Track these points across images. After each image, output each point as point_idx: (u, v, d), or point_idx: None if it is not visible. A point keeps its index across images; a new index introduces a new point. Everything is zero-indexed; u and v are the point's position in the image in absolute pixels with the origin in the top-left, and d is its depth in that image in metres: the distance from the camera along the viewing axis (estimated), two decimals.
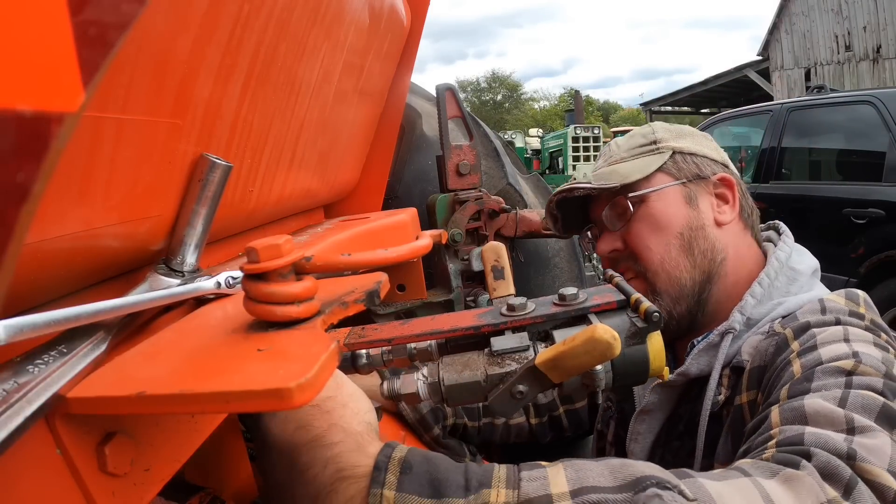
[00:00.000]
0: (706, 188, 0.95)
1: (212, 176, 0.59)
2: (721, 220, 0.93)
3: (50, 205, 0.41)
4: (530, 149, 17.32)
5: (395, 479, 0.48)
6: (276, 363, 0.43)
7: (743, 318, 0.85)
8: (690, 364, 0.86)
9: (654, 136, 0.98)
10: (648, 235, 0.92)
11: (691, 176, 0.95)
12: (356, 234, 1.01)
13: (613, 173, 0.96)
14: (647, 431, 0.92)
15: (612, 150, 1.02)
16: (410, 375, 0.58)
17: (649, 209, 0.93)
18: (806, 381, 0.65)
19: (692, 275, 0.90)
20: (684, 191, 0.94)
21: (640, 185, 0.93)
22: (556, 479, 0.48)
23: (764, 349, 0.78)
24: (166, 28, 0.49)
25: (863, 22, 12.26)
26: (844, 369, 0.65)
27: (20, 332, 0.35)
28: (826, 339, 0.71)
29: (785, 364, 0.71)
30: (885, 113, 3.64)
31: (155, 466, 0.48)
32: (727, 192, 0.95)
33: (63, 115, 0.25)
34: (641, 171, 0.94)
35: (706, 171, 0.96)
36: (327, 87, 0.95)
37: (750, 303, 0.85)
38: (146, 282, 0.57)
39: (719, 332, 0.85)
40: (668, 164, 0.95)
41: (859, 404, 0.59)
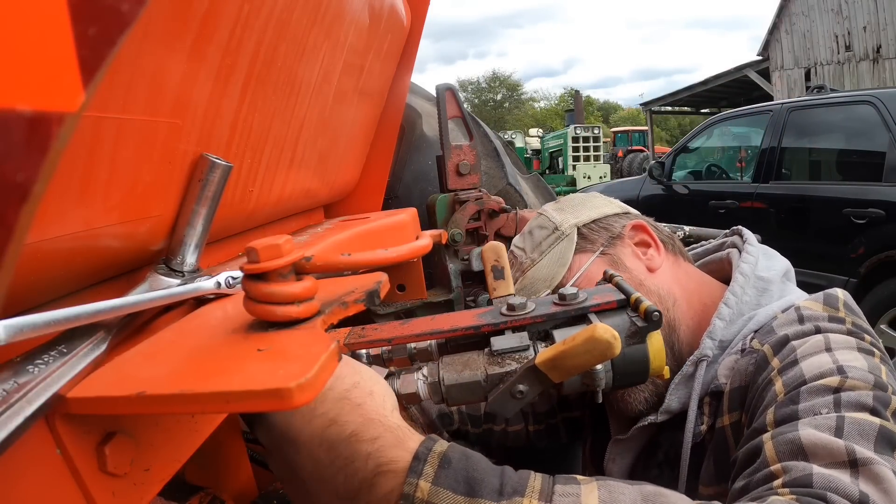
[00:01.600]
0: (624, 244, 0.93)
1: (212, 176, 0.59)
2: (652, 265, 0.91)
3: (50, 205, 0.41)
4: (530, 149, 17.33)
5: (433, 472, 0.48)
6: (276, 363, 0.43)
7: (714, 343, 0.82)
8: (670, 400, 0.83)
9: (552, 224, 0.97)
10: None
11: (605, 241, 0.93)
12: (356, 234, 1.01)
13: (536, 281, 0.93)
14: (626, 453, 0.90)
15: (520, 257, 0.99)
16: (410, 375, 0.58)
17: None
18: (791, 402, 0.63)
19: None
20: (607, 259, 0.92)
21: (565, 279, 0.91)
22: (589, 498, 0.48)
23: (743, 368, 0.75)
24: (166, 28, 0.49)
25: (863, 22, 12.26)
26: (831, 387, 0.62)
27: (20, 332, 0.35)
28: (807, 352, 0.68)
29: (766, 383, 0.69)
30: (885, 113, 3.64)
31: (155, 466, 0.48)
32: (644, 236, 0.94)
33: (63, 115, 0.25)
34: (561, 265, 0.92)
35: (615, 228, 0.94)
36: (327, 87, 0.95)
37: (719, 326, 0.82)
38: (146, 282, 0.57)
39: (692, 362, 0.82)
40: (579, 242, 0.93)
41: (856, 431, 0.57)
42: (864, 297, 3.53)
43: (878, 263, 3.53)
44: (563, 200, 1.01)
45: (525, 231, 1.02)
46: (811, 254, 3.78)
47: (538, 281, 0.92)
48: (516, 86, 49.79)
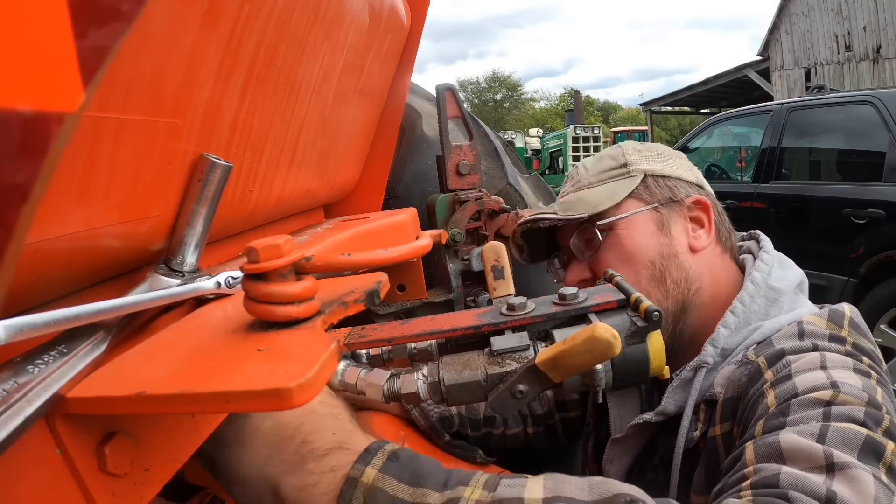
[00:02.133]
0: (680, 212, 0.90)
1: (212, 176, 0.59)
2: (695, 245, 0.88)
3: (50, 205, 0.41)
4: (530, 149, 17.33)
5: (381, 463, 0.53)
6: (276, 363, 0.43)
7: (716, 351, 0.80)
8: (667, 402, 0.82)
9: (624, 159, 0.93)
10: (617, 266, 0.86)
11: (663, 200, 0.90)
12: (356, 234, 1.01)
13: (580, 201, 0.91)
14: (624, 454, 0.90)
15: (580, 174, 0.97)
16: (410, 375, 0.58)
17: (618, 238, 0.88)
18: (781, 414, 0.62)
19: (664, 306, 0.85)
20: (656, 216, 0.89)
21: (608, 212, 0.89)
22: (534, 487, 0.50)
23: (737, 379, 0.74)
24: (166, 28, 0.49)
25: (863, 22, 12.26)
26: (822, 400, 0.61)
27: (20, 332, 0.35)
28: (801, 367, 0.67)
29: (758, 395, 0.68)
30: (885, 113, 3.63)
31: (155, 466, 0.48)
32: (702, 215, 0.90)
33: (63, 115, 0.25)
34: (610, 198, 0.89)
35: (679, 193, 0.91)
36: (327, 87, 0.95)
37: (722, 334, 0.80)
38: (146, 282, 0.57)
39: (692, 367, 0.81)
40: (639, 188, 0.90)
41: (839, 438, 0.56)
42: (864, 297, 3.53)
43: (878, 263, 3.52)
44: (648, 146, 0.97)
45: (599, 154, 0.99)
46: (811, 254, 3.78)
47: (582, 202, 0.91)
48: (516, 86, 49.81)
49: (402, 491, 0.51)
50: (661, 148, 0.98)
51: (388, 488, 0.51)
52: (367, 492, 0.51)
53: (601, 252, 0.89)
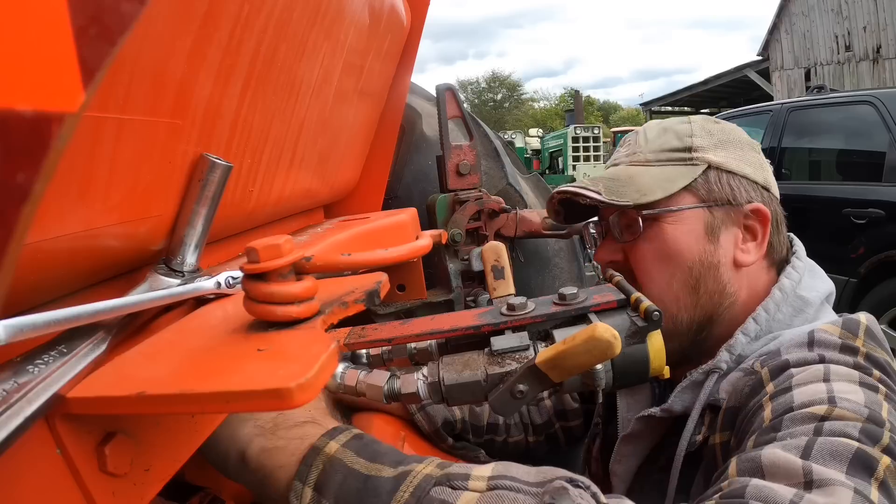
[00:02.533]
0: (734, 218, 0.81)
1: (212, 176, 0.59)
2: (741, 260, 0.81)
3: (50, 205, 0.41)
4: (530, 149, 17.32)
5: (345, 439, 0.58)
6: (276, 363, 0.43)
7: (731, 357, 0.77)
8: (674, 401, 0.80)
9: (690, 142, 0.83)
10: (652, 261, 0.81)
11: (720, 201, 0.80)
12: (356, 234, 1.01)
13: (630, 182, 0.82)
14: (632, 455, 0.88)
15: (639, 145, 0.87)
16: (410, 375, 0.58)
17: (661, 232, 0.80)
18: (773, 430, 0.59)
19: (692, 314, 0.80)
20: (707, 218, 0.80)
21: (658, 200, 0.80)
22: (483, 467, 0.53)
23: (740, 389, 0.71)
24: (166, 28, 0.49)
25: (863, 22, 12.26)
26: (816, 415, 0.57)
27: (20, 332, 0.35)
28: (802, 380, 0.64)
29: (757, 407, 0.65)
30: (885, 113, 3.63)
31: (155, 466, 0.48)
32: (758, 226, 0.82)
33: (63, 116, 0.25)
34: (663, 188, 0.80)
35: (740, 196, 0.81)
36: (327, 88, 0.95)
37: (741, 341, 0.77)
38: (146, 282, 0.57)
39: (704, 371, 0.78)
40: (698, 180, 0.80)
41: (827, 451, 0.52)
42: (864, 297, 3.53)
43: (878, 263, 3.52)
44: (722, 128, 0.85)
45: (664, 124, 0.88)
46: (811, 254, 3.75)
47: (632, 183, 0.81)
48: (516, 86, 49.83)
49: (358, 464, 0.55)
50: (736, 134, 0.86)
51: (347, 460, 0.56)
52: (327, 460, 0.56)
53: (640, 241, 0.82)
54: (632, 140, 0.90)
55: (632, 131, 0.93)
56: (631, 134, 0.91)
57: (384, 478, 0.54)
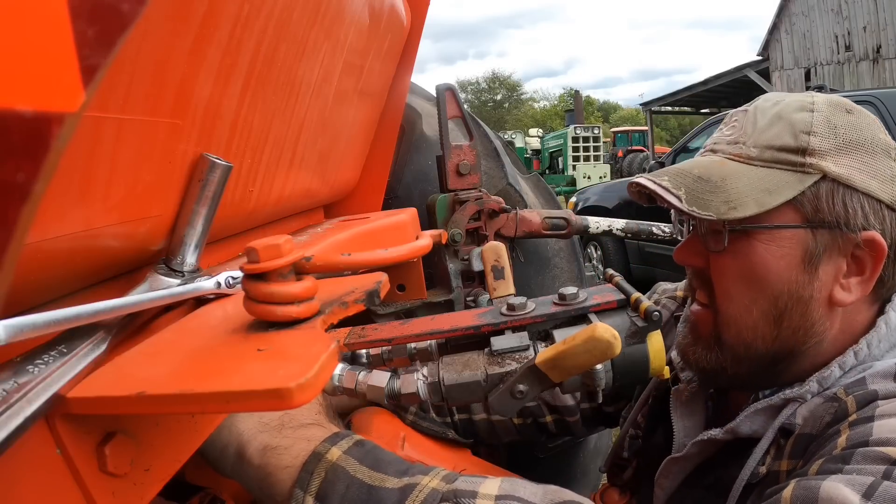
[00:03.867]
0: (841, 246, 0.67)
1: (212, 176, 0.59)
2: (839, 299, 0.67)
3: (50, 205, 0.41)
4: (530, 149, 17.32)
5: (347, 446, 0.56)
6: (276, 363, 0.43)
7: (821, 388, 0.67)
8: (742, 422, 0.70)
9: (807, 141, 0.67)
10: (735, 280, 0.69)
11: (829, 223, 0.66)
12: (356, 234, 1.01)
13: (722, 186, 0.67)
14: (679, 472, 0.80)
15: (745, 130, 0.72)
16: (411, 375, 0.58)
17: (751, 251, 0.68)
18: (842, 461, 0.54)
19: (769, 346, 0.69)
20: (809, 241, 0.67)
21: (752, 219, 0.67)
22: (490, 485, 0.52)
23: (820, 415, 0.64)
24: (166, 28, 0.49)
25: (863, 22, 12.26)
26: (890, 458, 0.52)
27: (20, 332, 0.35)
28: (886, 412, 0.58)
29: (834, 433, 0.59)
30: (885, 113, 3.63)
31: (155, 466, 0.48)
32: (868, 259, 0.67)
33: (63, 116, 0.25)
34: (759, 202, 0.65)
35: (856, 221, 0.66)
36: (327, 87, 0.95)
37: (836, 374, 0.67)
38: (146, 282, 0.57)
39: (784, 398, 0.68)
40: (807, 194, 0.66)
41: (890, 497, 0.48)
42: None
43: None
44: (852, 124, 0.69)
45: (781, 105, 0.71)
46: None
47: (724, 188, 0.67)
48: (516, 86, 49.85)
49: (361, 472, 0.54)
50: (869, 132, 0.69)
51: (349, 468, 0.54)
52: (329, 468, 0.54)
53: (724, 254, 0.69)
54: (739, 120, 0.74)
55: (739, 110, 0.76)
56: (742, 110, 0.75)
57: (388, 489, 0.53)
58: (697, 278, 0.75)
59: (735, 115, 0.76)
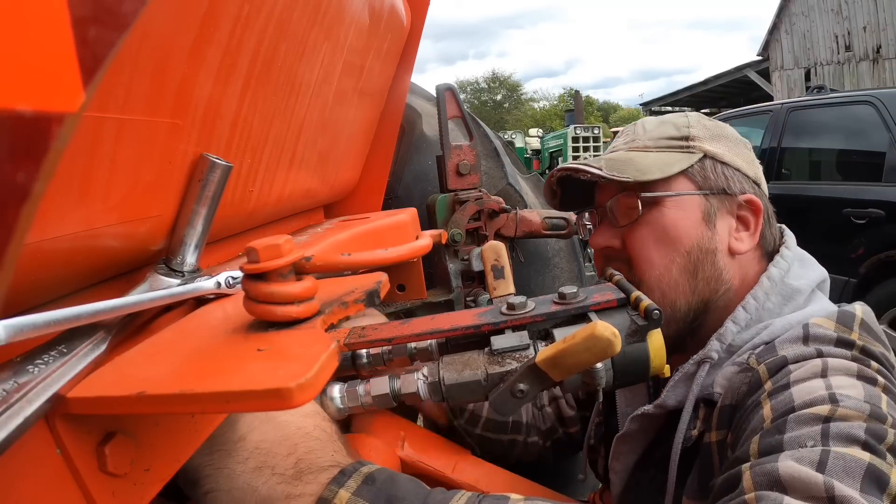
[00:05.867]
0: (728, 208, 0.83)
1: (212, 176, 0.59)
2: (736, 248, 0.82)
3: (50, 205, 0.41)
4: (530, 149, 17.33)
5: (356, 485, 0.52)
6: (276, 363, 0.43)
7: (722, 346, 0.77)
8: (667, 395, 0.80)
9: (687, 131, 0.85)
10: (652, 246, 0.81)
11: (716, 189, 0.82)
12: (356, 234, 1.01)
13: (630, 163, 0.83)
14: (629, 452, 0.88)
15: (637, 133, 0.89)
16: (411, 375, 0.58)
17: (661, 216, 0.81)
18: (777, 432, 0.59)
19: (689, 300, 0.80)
20: (704, 205, 0.82)
21: (656, 184, 0.81)
22: None
23: (737, 386, 0.71)
24: (166, 28, 0.49)
25: (863, 22, 12.26)
26: (820, 416, 0.57)
27: (20, 332, 0.35)
28: (800, 376, 0.64)
29: (755, 405, 0.65)
30: (885, 113, 3.63)
31: (155, 466, 0.48)
32: (750, 217, 0.83)
33: (63, 116, 0.25)
34: (662, 170, 0.81)
35: (734, 187, 0.83)
36: (327, 87, 0.95)
37: (731, 330, 0.77)
38: (146, 282, 0.57)
39: (695, 362, 0.78)
40: (695, 167, 0.82)
41: (840, 468, 0.53)
42: (864, 297, 3.53)
43: (878, 263, 3.52)
44: (716, 124, 0.88)
45: (662, 118, 0.91)
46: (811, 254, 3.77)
47: (632, 164, 0.82)
48: (516, 86, 49.83)
49: None
50: (730, 130, 0.89)
51: None
52: None
53: (638, 225, 0.82)
54: (630, 130, 0.92)
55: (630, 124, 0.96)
56: (629, 125, 0.94)
57: None
58: (613, 260, 0.86)
59: (625, 129, 0.94)
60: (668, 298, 0.80)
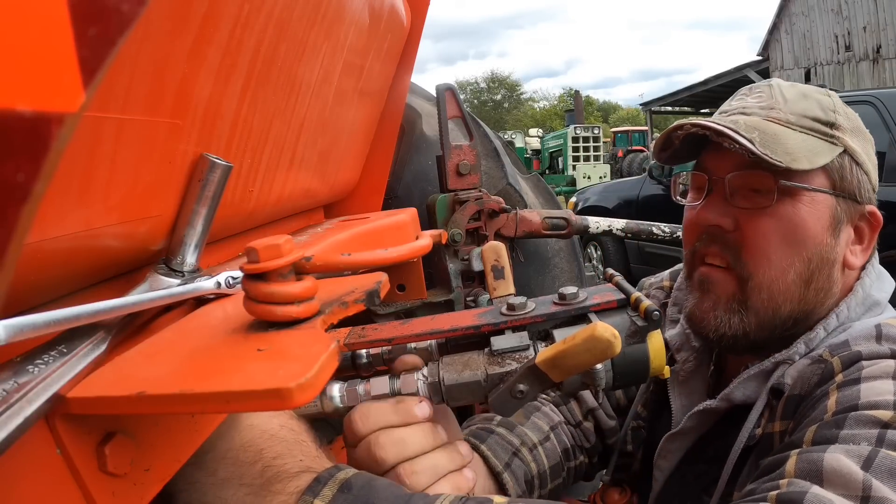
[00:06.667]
0: (852, 216, 0.74)
1: (212, 176, 0.59)
2: (851, 262, 0.75)
3: (50, 205, 0.41)
4: (530, 149, 17.34)
5: (332, 494, 0.49)
6: (276, 363, 0.43)
7: (806, 349, 0.72)
8: (735, 389, 0.75)
9: (834, 117, 0.74)
10: (776, 243, 0.72)
11: (849, 193, 0.73)
12: (356, 234, 1.01)
13: (777, 139, 0.71)
14: (678, 450, 0.83)
15: (776, 100, 0.76)
16: (411, 375, 0.58)
17: (795, 211, 0.71)
18: (836, 426, 0.57)
19: (794, 308, 0.74)
20: (835, 208, 0.73)
21: (798, 173, 0.70)
22: None
23: (808, 377, 0.68)
24: (166, 28, 0.49)
25: (863, 22, 12.26)
26: (881, 420, 0.55)
27: (20, 332, 0.35)
28: (872, 374, 0.61)
29: (823, 395, 0.63)
30: (885, 113, 3.63)
31: (155, 466, 0.48)
32: (867, 230, 0.76)
33: (63, 116, 0.25)
34: (810, 160, 0.70)
35: (863, 194, 0.75)
36: (327, 87, 0.95)
37: (820, 335, 0.73)
38: (146, 282, 0.57)
39: (775, 361, 0.73)
40: (835, 163, 0.72)
41: (886, 468, 0.51)
42: None
43: None
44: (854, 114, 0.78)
45: (802, 89, 0.78)
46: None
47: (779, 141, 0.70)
48: (515, 86, 49.84)
49: None
50: (863, 125, 0.79)
51: None
52: None
53: (766, 214, 0.72)
54: (765, 91, 0.79)
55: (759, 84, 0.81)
56: (760, 83, 0.81)
57: None
58: (717, 241, 0.75)
59: (757, 88, 0.81)
60: (775, 302, 0.73)
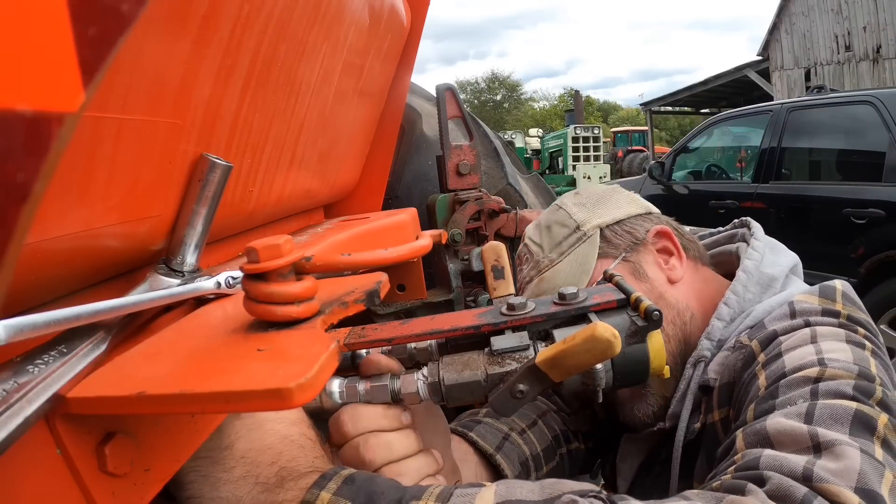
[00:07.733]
0: (647, 251, 0.87)
1: (212, 176, 0.59)
2: (673, 276, 0.86)
3: (50, 205, 0.41)
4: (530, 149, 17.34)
5: (336, 486, 0.52)
6: (276, 363, 0.43)
7: (713, 343, 0.80)
8: (675, 407, 0.81)
9: (573, 221, 0.89)
10: None
11: (627, 247, 0.86)
12: (356, 234, 1.01)
13: (551, 286, 0.86)
14: (636, 452, 0.89)
15: (535, 254, 0.91)
16: (410, 375, 0.58)
17: None
18: (770, 397, 0.61)
19: (670, 349, 0.81)
20: (628, 266, 0.85)
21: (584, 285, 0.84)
22: (486, 494, 0.51)
23: (732, 364, 0.74)
24: (166, 28, 0.49)
25: (863, 22, 12.26)
26: (810, 377, 0.59)
27: (20, 332, 0.35)
28: (791, 345, 0.66)
29: (751, 377, 0.67)
30: (885, 113, 3.63)
31: (155, 466, 0.48)
32: (667, 243, 0.88)
33: (63, 116, 0.25)
34: (584, 271, 0.85)
35: (639, 233, 0.88)
36: (327, 88, 0.95)
37: (717, 327, 0.80)
38: (146, 282, 0.57)
39: (691, 363, 0.80)
40: (601, 246, 0.86)
41: (827, 415, 0.54)
42: (863, 297, 3.52)
43: (878, 263, 3.52)
44: (583, 193, 0.93)
45: (541, 224, 0.94)
46: (811, 254, 3.76)
47: (553, 286, 0.86)
48: (515, 86, 49.83)
49: None
50: (599, 190, 0.94)
51: None
52: None
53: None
54: (526, 254, 0.94)
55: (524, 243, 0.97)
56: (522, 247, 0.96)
57: None
58: None
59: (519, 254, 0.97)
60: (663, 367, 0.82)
